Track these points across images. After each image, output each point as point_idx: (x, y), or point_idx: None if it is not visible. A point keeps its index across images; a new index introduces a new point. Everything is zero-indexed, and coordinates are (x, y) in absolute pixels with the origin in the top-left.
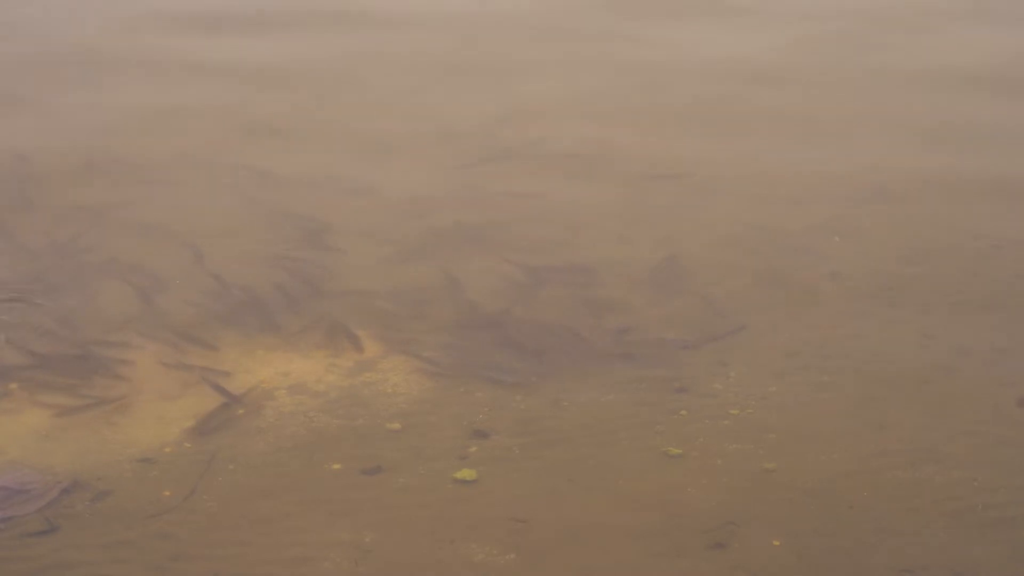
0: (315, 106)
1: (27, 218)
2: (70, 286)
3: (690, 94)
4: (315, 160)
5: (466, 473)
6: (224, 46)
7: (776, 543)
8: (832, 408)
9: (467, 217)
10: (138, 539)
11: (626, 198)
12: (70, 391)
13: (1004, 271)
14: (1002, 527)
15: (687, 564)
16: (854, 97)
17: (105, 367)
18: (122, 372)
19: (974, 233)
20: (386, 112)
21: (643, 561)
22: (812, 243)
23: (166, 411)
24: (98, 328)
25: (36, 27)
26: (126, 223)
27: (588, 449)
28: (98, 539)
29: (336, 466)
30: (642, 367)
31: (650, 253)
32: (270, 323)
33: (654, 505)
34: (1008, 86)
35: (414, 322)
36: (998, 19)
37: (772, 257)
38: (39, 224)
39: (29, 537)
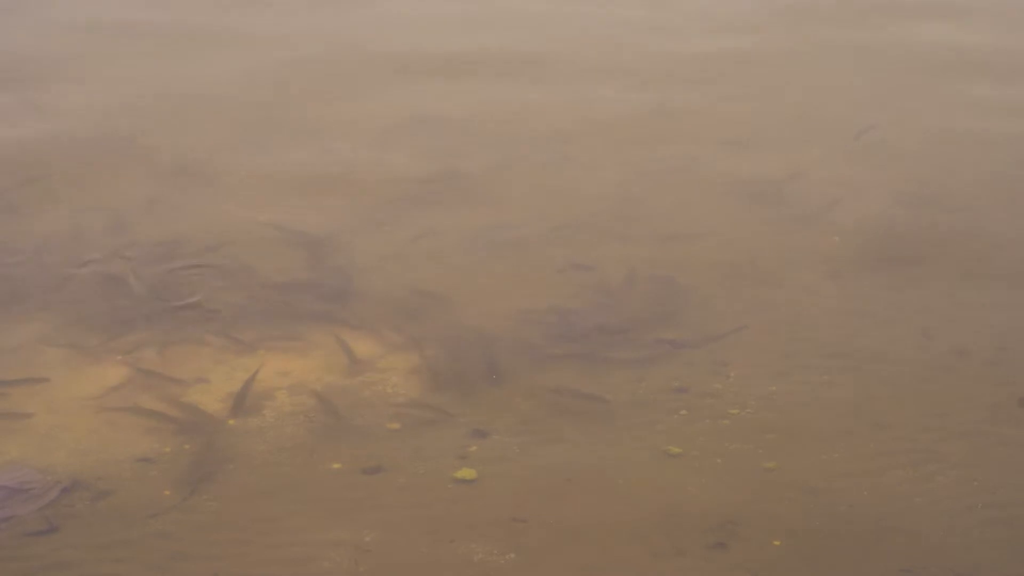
0: None
1: None
2: None
3: None
4: None
5: (466, 473)
6: None
7: (776, 543)
8: (832, 408)
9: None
10: (138, 539)
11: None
12: None
13: (1004, 270)
14: (1002, 527)
15: (687, 564)
16: None
17: None
18: None
19: (974, 232)
20: None
21: (643, 561)
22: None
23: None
24: None
25: None
26: None
27: (588, 449)
28: (98, 539)
29: (336, 466)
30: (642, 367)
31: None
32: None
33: (654, 505)
34: None
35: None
36: None
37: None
38: None
39: (29, 537)
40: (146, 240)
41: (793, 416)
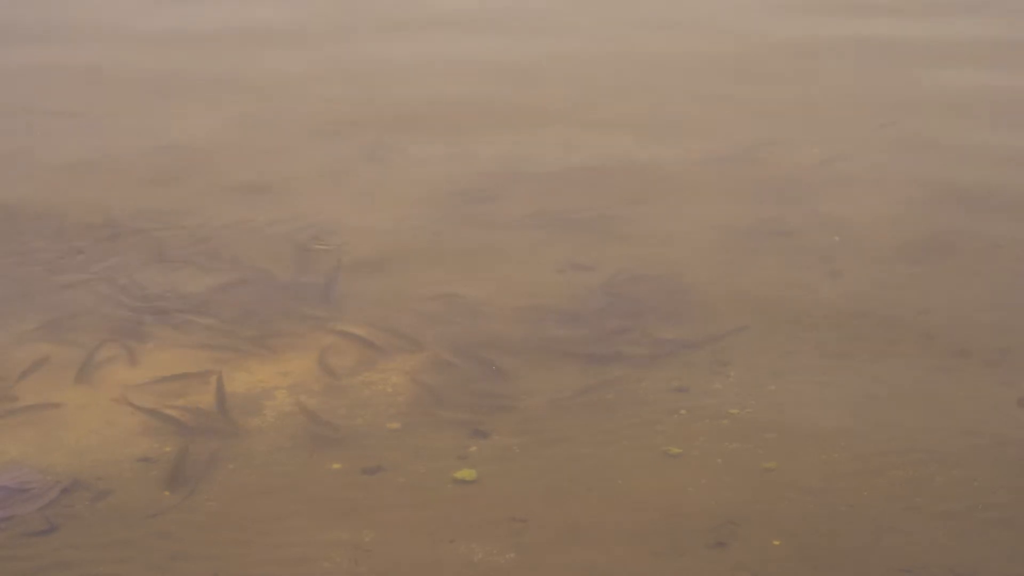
0: None
1: None
2: None
3: None
4: None
5: (466, 473)
6: None
7: (776, 543)
8: (832, 408)
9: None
10: (138, 539)
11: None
12: None
13: (1004, 270)
14: (1002, 527)
15: (687, 563)
16: None
17: None
18: None
19: (974, 232)
20: None
21: (643, 561)
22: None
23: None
24: None
25: None
26: None
27: (588, 449)
28: (98, 539)
29: (336, 466)
30: (642, 367)
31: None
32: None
33: (654, 505)
34: None
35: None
36: None
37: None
38: None
39: (29, 537)
40: (144, 238)
41: (793, 416)
